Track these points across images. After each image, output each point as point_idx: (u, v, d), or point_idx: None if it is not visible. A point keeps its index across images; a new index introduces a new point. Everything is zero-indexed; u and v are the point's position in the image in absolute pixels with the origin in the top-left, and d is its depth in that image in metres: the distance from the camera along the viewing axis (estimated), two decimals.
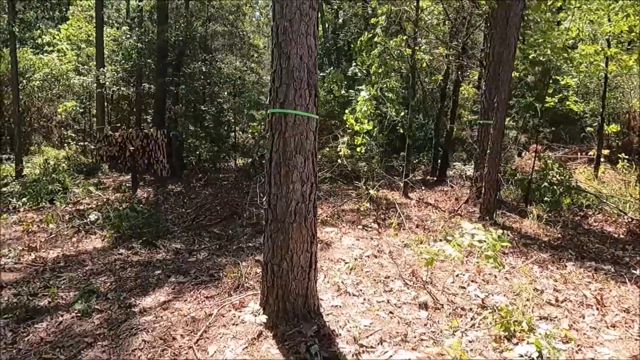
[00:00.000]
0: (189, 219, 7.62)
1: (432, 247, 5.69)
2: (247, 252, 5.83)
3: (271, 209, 3.62)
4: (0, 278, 5.10)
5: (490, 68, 8.04)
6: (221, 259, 5.65)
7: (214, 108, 11.38)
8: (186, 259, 5.73)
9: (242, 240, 6.38)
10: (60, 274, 5.29)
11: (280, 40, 3.50)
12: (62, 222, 7.56)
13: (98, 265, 5.57)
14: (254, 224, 6.98)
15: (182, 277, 5.07)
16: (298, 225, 3.58)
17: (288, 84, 3.50)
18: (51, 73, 18.79)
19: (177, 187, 11.44)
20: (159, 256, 5.92)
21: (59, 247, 6.39)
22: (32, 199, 9.12)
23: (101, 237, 6.82)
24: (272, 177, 3.60)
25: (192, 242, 6.53)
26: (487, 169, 6.75)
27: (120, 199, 9.68)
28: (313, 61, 3.57)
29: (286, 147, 3.53)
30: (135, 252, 6.03)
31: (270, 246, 3.65)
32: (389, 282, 4.72)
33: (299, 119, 3.52)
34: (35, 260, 5.80)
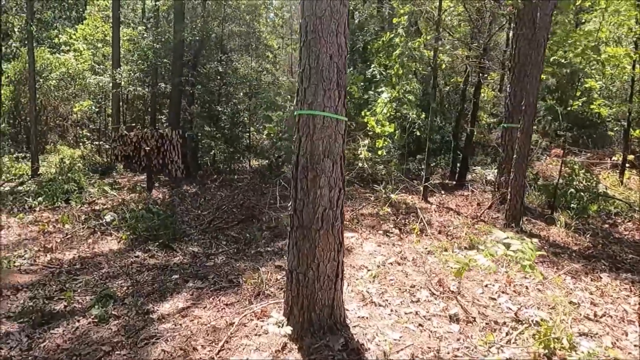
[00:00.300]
0: (205, 222, 7.49)
1: (457, 254, 5.49)
2: (266, 257, 5.67)
3: (297, 214, 3.46)
4: (15, 280, 5.01)
5: (515, 70, 7.80)
6: (239, 263, 5.50)
7: (230, 109, 11.27)
8: (204, 263, 5.59)
9: (260, 245, 6.23)
10: (76, 277, 5.18)
11: (310, 38, 3.34)
12: (77, 222, 7.49)
13: (114, 268, 5.46)
14: (272, 228, 6.82)
15: (201, 282, 4.93)
16: (325, 232, 3.42)
17: (317, 84, 3.34)
18: (67, 72, 18.88)
19: (192, 188, 11.34)
20: (176, 259, 5.79)
21: (75, 248, 6.30)
22: (48, 199, 9.08)
23: (117, 239, 6.71)
24: (299, 182, 3.44)
25: (210, 245, 6.39)
26: (514, 174, 6.52)
27: (136, 200, 9.59)
28: (343, 61, 3.40)
29: (314, 151, 3.37)
30: (151, 255, 5.91)
31: (295, 254, 3.49)
32: (415, 291, 4.53)
33: (328, 120, 3.36)
34: (51, 261, 5.70)
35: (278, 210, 7.73)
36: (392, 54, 7.67)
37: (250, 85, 11.78)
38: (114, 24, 16.12)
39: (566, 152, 12.86)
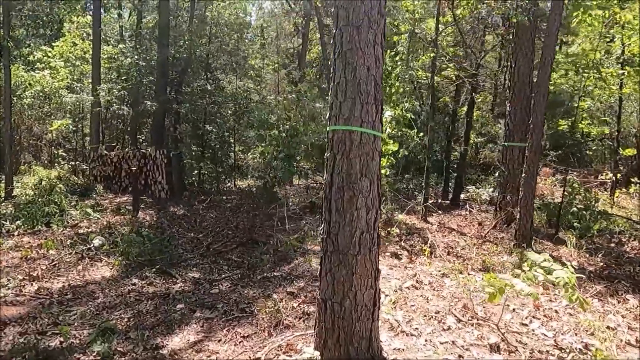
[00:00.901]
0: (203, 245, 7.10)
1: (474, 277, 5.30)
2: (274, 283, 5.34)
3: (331, 238, 3.19)
4: (1, 314, 4.53)
5: (515, 89, 7.80)
6: (247, 290, 5.16)
7: (217, 127, 10.97)
8: (208, 291, 5.22)
9: (266, 269, 5.89)
10: (69, 308, 4.74)
11: (345, 49, 3.13)
12: (63, 247, 6.99)
13: (110, 298, 5.04)
14: (275, 251, 6.49)
15: (209, 311, 4.57)
16: (362, 257, 3.16)
17: (354, 98, 3.12)
18: (43, 91, 18.22)
19: (179, 210, 10.89)
20: (177, 287, 5.39)
21: (63, 275, 5.83)
22: (27, 222, 8.51)
23: (108, 265, 6.27)
24: (334, 203, 3.18)
25: (210, 270, 6.02)
26: (523, 192, 6.41)
27: (122, 223, 9.10)
28: (380, 73, 3.20)
29: (350, 169, 3.12)
30: (149, 282, 5.50)
31: (329, 281, 3.20)
32: (441, 318, 4.28)
33: (366, 137, 3.13)
34: (38, 291, 5.23)
35: (279, 232, 7.41)
36: (390, 72, 7.56)
37: (239, 103, 11.49)
38: (95, 41, 15.70)
39: (554, 171, 12.99)
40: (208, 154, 11.35)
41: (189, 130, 11.68)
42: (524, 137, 7.85)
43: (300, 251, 6.43)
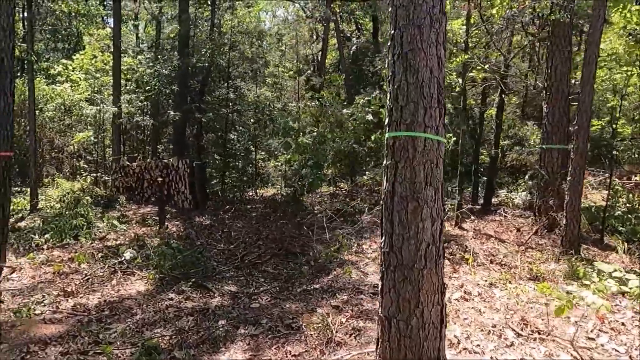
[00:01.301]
0: (235, 257, 6.95)
1: (524, 286, 5.04)
2: (316, 296, 5.14)
3: (394, 252, 2.99)
4: (41, 332, 4.41)
5: (552, 89, 7.53)
6: (289, 304, 4.97)
7: (244, 135, 10.86)
8: (248, 305, 5.04)
9: (304, 281, 5.70)
10: (108, 326, 4.60)
11: (406, 50, 2.94)
12: (94, 261, 6.89)
13: (149, 314, 4.89)
14: (313, 263, 6.29)
15: (253, 327, 4.39)
16: (429, 272, 2.95)
17: (416, 101, 2.92)
18: (64, 103, 18.37)
19: (204, 220, 10.77)
20: (215, 301, 5.23)
21: (98, 291, 5.71)
22: (55, 235, 8.45)
23: (142, 279, 6.14)
24: (396, 214, 2.98)
25: (247, 283, 5.85)
26: (569, 197, 6.14)
27: (149, 234, 9.01)
28: (443, 75, 3.01)
29: (415, 178, 2.93)
30: (187, 297, 5.35)
31: (393, 298, 3.00)
32: (500, 332, 4.04)
33: (430, 143, 2.93)
34: (75, 307, 5.11)
35: (313, 242, 7.22)
36: None
37: (261, 111, 11.38)
38: (115, 52, 15.76)
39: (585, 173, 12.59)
40: (232, 163, 11.21)
41: (212, 139, 11.56)
42: (562, 139, 7.59)
43: (337, 262, 6.22)
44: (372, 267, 6.12)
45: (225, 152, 12.27)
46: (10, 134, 6.37)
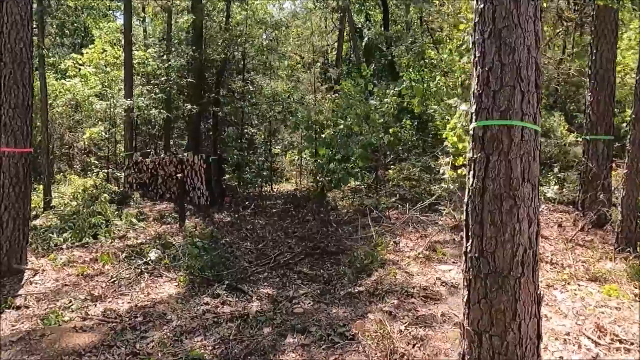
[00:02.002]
0: (266, 257, 6.61)
1: (587, 288, 4.68)
2: (363, 300, 4.79)
3: (485, 257, 2.63)
4: (73, 342, 4.08)
5: (597, 77, 7.12)
6: (335, 309, 4.62)
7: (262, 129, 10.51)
8: (290, 310, 4.70)
9: (346, 284, 5.35)
10: (144, 334, 4.27)
11: (501, 27, 2.56)
12: (118, 262, 6.57)
13: (185, 320, 4.56)
14: (351, 263, 5.93)
15: (302, 336, 4.04)
16: (526, 280, 2.59)
17: (513, 85, 2.55)
18: (74, 98, 18.05)
19: (224, 217, 10.44)
20: (254, 306, 4.89)
21: (127, 294, 5.38)
22: (75, 235, 8.14)
23: (171, 281, 5.81)
24: (487, 214, 2.62)
25: (283, 285, 5.51)
26: (626, 191, 5.76)
27: (170, 232, 8.69)
28: (539, 55, 2.62)
29: (510, 173, 2.56)
30: (223, 301, 5.01)
31: (484, 310, 2.64)
32: (575, 340, 3.68)
33: (527, 133, 2.56)
34: (105, 313, 4.78)
35: (346, 240, 6.88)
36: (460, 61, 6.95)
37: (280, 104, 11.00)
38: (126, 46, 15.39)
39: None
40: (251, 157, 10.87)
41: (230, 133, 11.21)
42: (608, 130, 7.18)
43: (377, 262, 5.86)
44: (414, 267, 5.76)
45: (242, 147, 11.92)
46: (30, 129, 6.05)
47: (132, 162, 15.19)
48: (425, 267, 5.72)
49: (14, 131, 5.83)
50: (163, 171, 14.13)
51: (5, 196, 5.79)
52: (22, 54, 5.87)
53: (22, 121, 5.89)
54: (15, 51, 5.83)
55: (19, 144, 5.87)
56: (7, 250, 5.80)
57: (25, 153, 5.96)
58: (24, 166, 5.93)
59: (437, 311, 4.36)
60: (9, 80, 5.81)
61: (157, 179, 14.51)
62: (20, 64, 5.87)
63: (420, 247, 6.65)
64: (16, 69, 5.84)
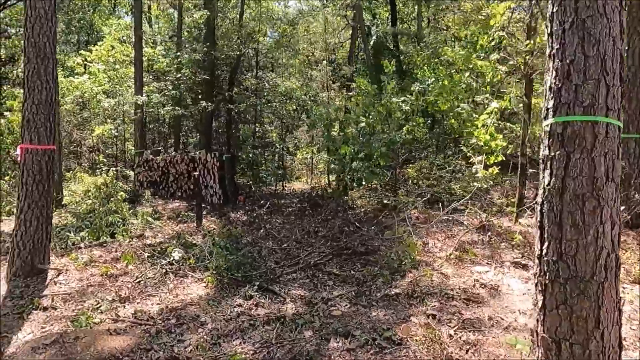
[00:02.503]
0: (293, 257, 6.47)
1: (630, 291, 4.52)
2: (402, 303, 4.65)
3: (565, 261, 2.49)
4: (108, 345, 3.95)
5: (629, 74, 6.96)
6: (375, 312, 4.48)
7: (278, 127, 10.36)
8: (328, 312, 4.55)
9: (380, 285, 5.20)
10: (180, 337, 4.14)
11: (584, 17, 2.41)
12: (140, 261, 6.43)
13: (220, 323, 4.42)
14: (383, 264, 5.79)
15: (346, 340, 3.90)
16: (609, 285, 2.45)
17: (597, 79, 2.40)
18: (82, 96, 17.91)
19: (240, 216, 10.31)
20: (288, 308, 4.75)
21: (154, 295, 5.25)
22: (92, 233, 8.00)
23: (197, 281, 5.68)
24: (567, 216, 2.47)
25: (315, 287, 5.37)
26: None
27: (188, 231, 8.56)
28: (624, 47, 2.48)
29: (594, 172, 2.42)
30: (256, 303, 4.87)
31: (564, 316, 2.50)
32: (633, 346, 3.53)
33: (612, 129, 2.42)
34: (137, 315, 4.64)
35: (374, 240, 6.73)
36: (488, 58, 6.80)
37: (297, 101, 10.86)
38: (136, 43, 15.25)
39: None
40: (267, 155, 10.72)
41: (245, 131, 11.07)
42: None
43: (409, 263, 5.72)
44: (448, 268, 5.62)
45: (256, 144, 11.77)
46: (54, 126, 5.91)
47: (143, 160, 15.05)
48: (459, 269, 5.58)
49: (37, 128, 5.69)
50: (174, 169, 14.00)
51: (28, 194, 5.65)
52: (45, 48, 5.74)
53: (46, 117, 5.76)
54: (39, 45, 5.69)
55: (42, 140, 5.73)
56: (30, 250, 5.66)
57: (49, 150, 5.82)
58: (47, 164, 5.80)
59: (482, 315, 4.22)
60: (33, 76, 5.68)
61: (168, 177, 14.38)
62: (44, 58, 5.73)
63: (449, 247, 6.51)
64: (40, 64, 5.70)
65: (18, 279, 5.61)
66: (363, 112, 8.24)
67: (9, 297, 5.17)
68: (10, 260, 5.69)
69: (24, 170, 5.67)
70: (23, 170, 5.68)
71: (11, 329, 4.35)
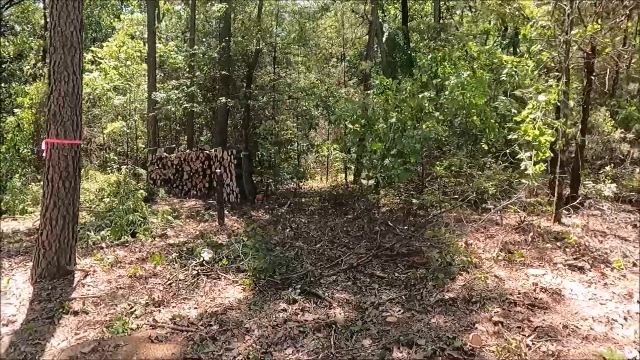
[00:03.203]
0: (327, 258, 6.16)
1: None
2: (462, 308, 4.33)
3: None
4: (152, 354, 3.64)
5: None
6: (434, 319, 4.16)
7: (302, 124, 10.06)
8: (381, 318, 4.24)
9: (431, 289, 4.88)
10: (227, 345, 3.83)
11: None
12: (168, 262, 6.13)
13: (266, 329, 4.11)
14: (432, 266, 5.47)
15: (410, 350, 3.59)
16: None
17: None
18: (93, 93, 17.63)
19: (262, 215, 10.01)
20: (337, 313, 4.44)
21: (190, 298, 4.95)
22: (113, 233, 7.71)
23: (232, 283, 5.38)
24: None
25: (359, 290, 5.05)
26: None
27: (211, 231, 8.27)
28: None
29: None
30: (301, 308, 4.56)
31: None
32: None
33: None
34: (175, 320, 4.34)
35: (412, 241, 6.42)
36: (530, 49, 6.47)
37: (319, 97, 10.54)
38: (149, 38, 14.95)
39: None
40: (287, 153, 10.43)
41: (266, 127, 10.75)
42: None
43: (456, 264, 5.40)
44: (500, 270, 5.30)
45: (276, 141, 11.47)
46: (80, 119, 5.60)
47: (156, 158, 14.77)
48: (511, 271, 5.26)
49: (64, 121, 5.39)
50: (189, 167, 13.70)
51: (54, 192, 5.36)
52: (72, 37, 5.44)
53: (72, 111, 5.46)
54: (66, 35, 5.39)
55: (69, 135, 5.43)
56: (56, 250, 5.37)
57: (75, 145, 5.52)
58: (73, 159, 5.50)
59: (553, 322, 3.90)
60: (59, 66, 5.37)
61: (182, 175, 14.09)
62: (70, 48, 5.43)
63: (492, 248, 6.20)
64: (66, 53, 5.40)
65: (44, 280, 5.32)
66: (394, 108, 7.92)
67: (36, 300, 4.88)
68: (35, 260, 5.40)
69: (49, 166, 5.38)
70: (49, 166, 5.38)
71: (43, 335, 4.06)
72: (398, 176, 7.01)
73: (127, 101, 17.69)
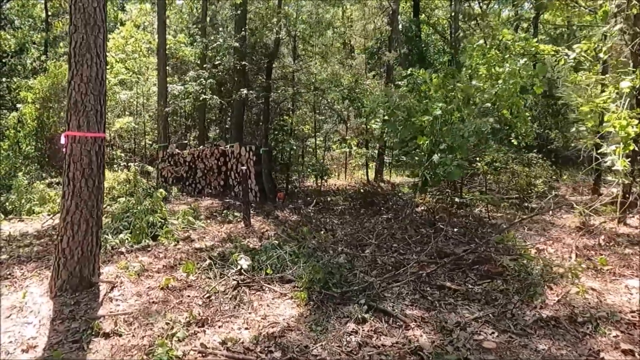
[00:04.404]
0: (381, 265, 5.47)
1: None
2: (570, 331, 3.63)
3: None
4: None
5: None
6: (541, 344, 3.46)
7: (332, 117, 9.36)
8: (476, 343, 3.54)
9: (518, 305, 4.19)
10: None
11: None
12: (201, 270, 5.44)
13: (340, 356, 3.43)
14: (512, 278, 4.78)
15: None
16: None
17: None
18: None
19: (288, 215, 9.31)
20: (417, 335, 3.74)
21: (236, 316, 4.25)
22: (133, 236, 7.02)
23: (280, 297, 4.69)
24: None
25: (432, 305, 4.36)
26: None
27: (238, 233, 7.58)
28: None
29: None
30: (373, 329, 3.87)
31: None
32: None
33: None
34: (226, 345, 3.65)
35: (482, 248, 5.72)
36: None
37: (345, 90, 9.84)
38: (160, 27, 14.20)
39: None
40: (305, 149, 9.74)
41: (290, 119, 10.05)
42: None
43: (538, 274, 4.72)
44: (590, 281, 4.62)
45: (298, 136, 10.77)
46: (104, 109, 4.90)
47: (168, 155, 14.08)
48: (606, 282, 4.58)
49: (87, 111, 4.69)
50: (203, 164, 13.03)
51: (76, 192, 4.66)
52: (96, 14, 4.73)
53: (96, 99, 4.76)
54: (89, 12, 4.68)
55: (92, 127, 4.73)
56: (78, 259, 4.68)
57: (99, 138, 4.82)
58: (97, 154, 4.80)
59: None
60: (82, 48, 4.67)
61: (195, 172, 13.42)
62: (93, 27, 4.73)
63: (565, 254, 5.51)
64: (89, 33, 4.70)
65: (65, 294, 4.63)
66: (440, 98, 7.23)
67: (58, 318, 4.19)
68: (54, 271, 4.71)
69: (70, 162, 4.68)
70: (69, 162, 4.68)
71: None
72: (450, 173, 6.31)
73: (134, 96, 16.97)
